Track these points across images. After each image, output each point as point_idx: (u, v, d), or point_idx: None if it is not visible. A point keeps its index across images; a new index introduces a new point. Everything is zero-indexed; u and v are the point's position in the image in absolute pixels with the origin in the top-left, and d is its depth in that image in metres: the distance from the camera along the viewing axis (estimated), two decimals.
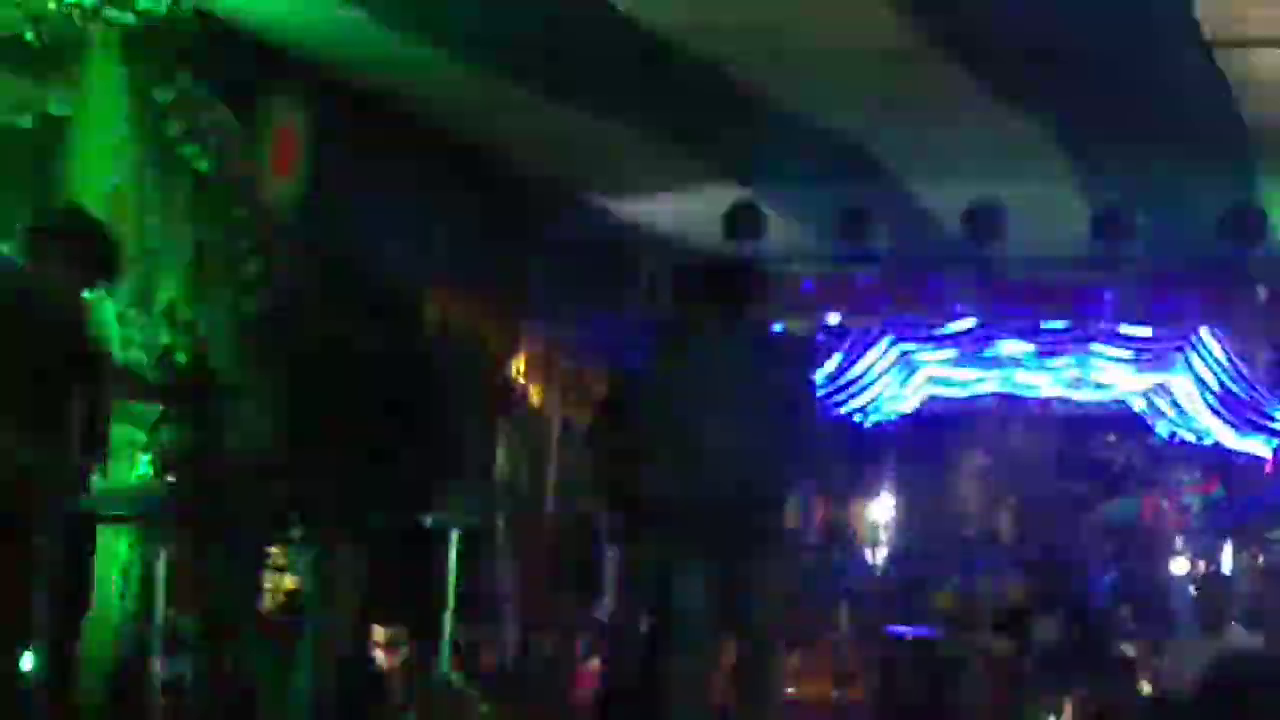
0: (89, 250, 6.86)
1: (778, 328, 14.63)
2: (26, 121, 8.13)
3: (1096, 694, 10.27)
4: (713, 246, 12.64)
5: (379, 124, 11.57)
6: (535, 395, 14.16)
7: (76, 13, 8.04)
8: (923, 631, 10.24)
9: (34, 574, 6.02)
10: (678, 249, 13.47)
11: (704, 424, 7.93)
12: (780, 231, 12.61)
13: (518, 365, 13.89)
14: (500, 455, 13.50)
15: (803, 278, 13.43)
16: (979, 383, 17.99)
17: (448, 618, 8.43)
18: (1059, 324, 14.69)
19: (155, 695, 6.98)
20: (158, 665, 6.99)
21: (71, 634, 6.50)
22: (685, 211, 12.89)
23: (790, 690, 14.68)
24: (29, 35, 7.90)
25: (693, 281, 8.34)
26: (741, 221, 11.91)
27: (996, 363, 17.04)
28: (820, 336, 15.62)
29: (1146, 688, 12.74)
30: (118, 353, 8.09)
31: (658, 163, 12.26)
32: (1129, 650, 13.67)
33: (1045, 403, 18.36)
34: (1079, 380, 17.38)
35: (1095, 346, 15.73)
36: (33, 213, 7.29)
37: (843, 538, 19.12)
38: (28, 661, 6.16)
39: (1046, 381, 17.67)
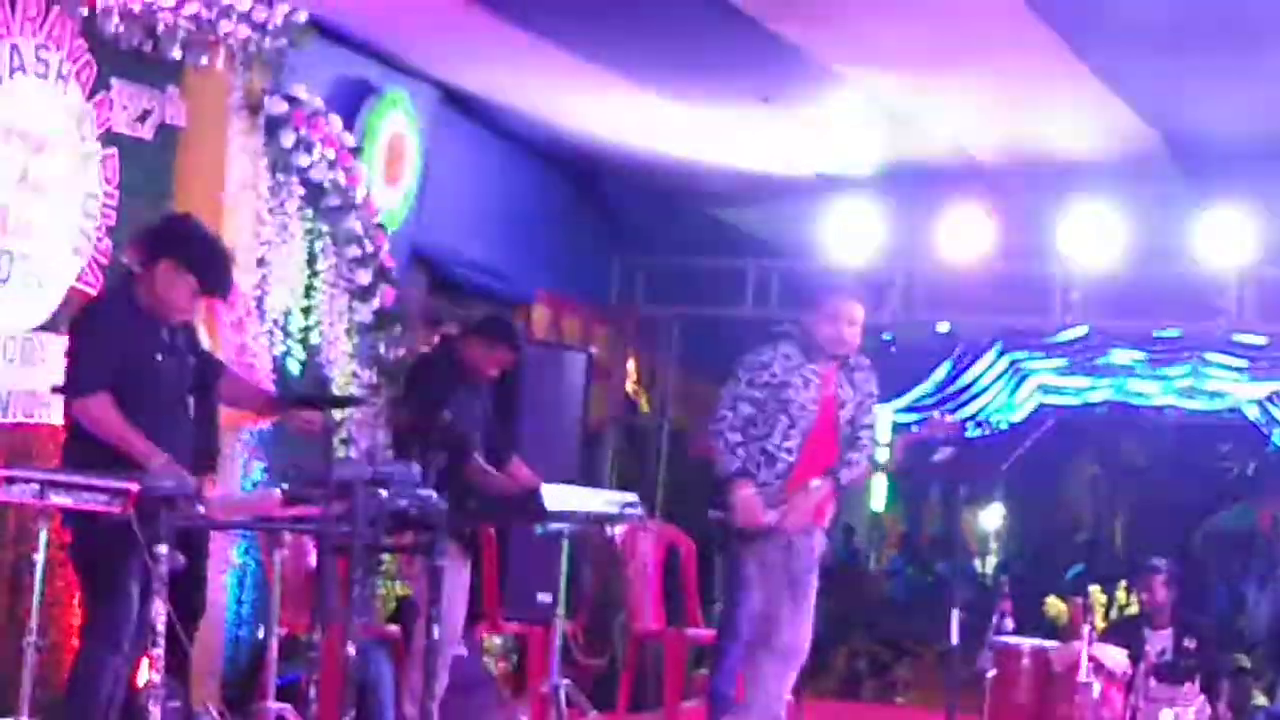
0: (203, 260, 6.91)
1: (887, 337, 14.61)
2: (144, 133, 8.22)
3: (1210, 705, 10.14)
4: (819, 252, 12.64)
5: (490, 131, 11.65)
6: (644, 403, 14.17)
7: (192, 25, 8.13)
8: (1034, 641, 10.14)
9: (152, 581, 6.08)
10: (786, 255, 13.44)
11: None
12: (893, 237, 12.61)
13: (628, 373, 13.91)
14: (610, 463, 13.53)
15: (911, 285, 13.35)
16: (1090, 391, 17.86)
17: (559, 624, 8.43)
18: (1172, 332, 14.56)
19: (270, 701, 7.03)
20: (272, 671, 7.04)
21: (187, 640, 6.55)
22: (791, 216, 12.88)
23: (900, 700, 14.69)
24: (146, 48, 7.99)
25: None
26: None
27: (1108, 371, 16.90)
28: (931, 345, 15.56)
29: (1261, 699, 12.61)
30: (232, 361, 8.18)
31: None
32: (1244, 661, 13.53)
33: (1158, 411, 18.19)
34: (1192, 389, 17.21)
35: (1208, 355, 15.57)
36: (148, 223, 7.35)
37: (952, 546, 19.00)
38: (144, 665, 6.23)
39: (1159, 390, 17.51)
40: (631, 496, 8.80)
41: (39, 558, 6.14)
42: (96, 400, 6.62)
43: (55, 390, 6.89)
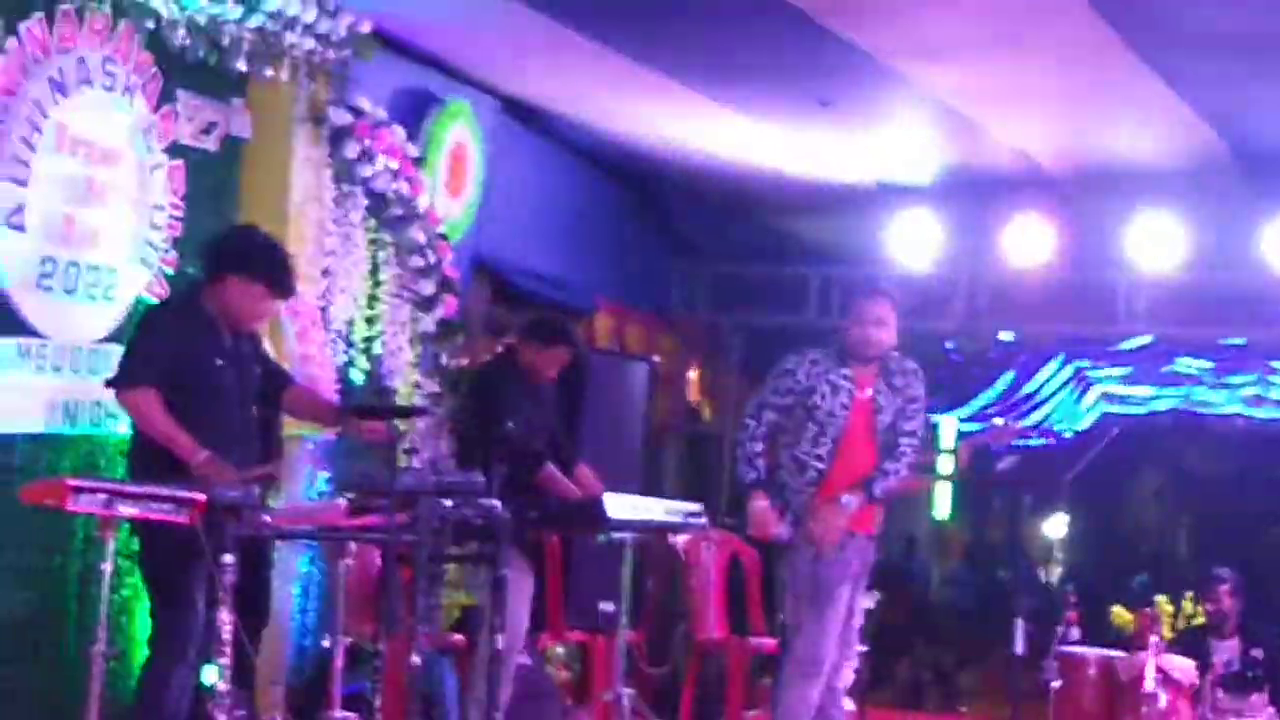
0: (265, 266, 6.97)
1: (949, 345, 14.56)
2: (209, 144, 8.27)
3: (1279, 716, 10.07)
4: (882, 259, 12.60)
5: (551, 141, 11.67)
6: (707, 412, 14.17)
7: (257, 37, 8.17)
8: (1100, 651, 10.09)
9: (218, 591, 6.11)
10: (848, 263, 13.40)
11: None
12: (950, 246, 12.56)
13: (690, 382, 13.90)
14: (672, 472, 13.53)
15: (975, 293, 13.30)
16: (1155, 400, 17.75)
17: (622, 634, 8.43)
18: (1238, 340, 14.46)
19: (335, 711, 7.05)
20: (337, 681, 7.05)
21: (252, 649, 6.57)
22: (853, 224, 12.85)
23: (964, 709, 14.62)
24: (211, 60, 8.03)
25: None
26: None
27: (1174, 380, 16.79)
28: (994, 353, 15.49)
29: None
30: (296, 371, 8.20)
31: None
32: None
33: (1225, 420, 18.05)
34: (1258, 398, 17.09)
35: (1276, 364, 15.46)
36: (211, 237, 7.39)
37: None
38: (210, 674, 6.26)
39: (1224, 399, 17.39)
40: (694, 505, 8.79)
41: (106, 567, 6.18)
42: (142, 394, 6.70)
43: (107, 384, 6.95)
